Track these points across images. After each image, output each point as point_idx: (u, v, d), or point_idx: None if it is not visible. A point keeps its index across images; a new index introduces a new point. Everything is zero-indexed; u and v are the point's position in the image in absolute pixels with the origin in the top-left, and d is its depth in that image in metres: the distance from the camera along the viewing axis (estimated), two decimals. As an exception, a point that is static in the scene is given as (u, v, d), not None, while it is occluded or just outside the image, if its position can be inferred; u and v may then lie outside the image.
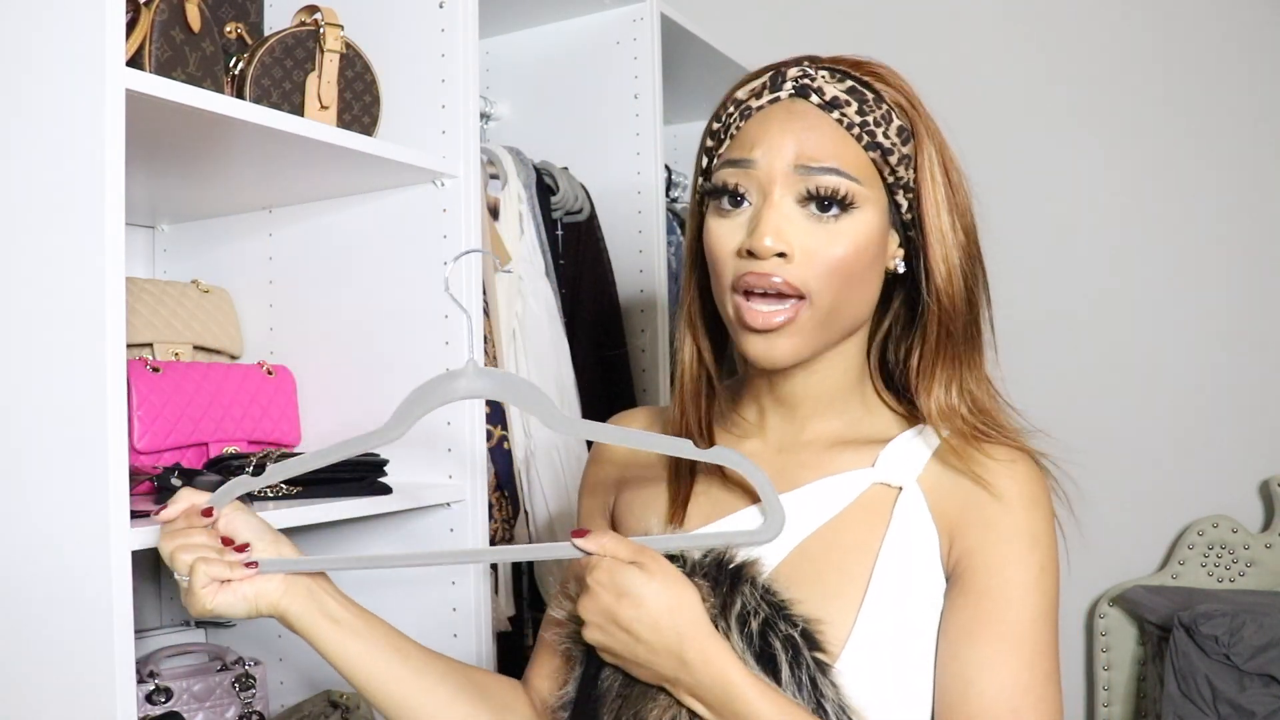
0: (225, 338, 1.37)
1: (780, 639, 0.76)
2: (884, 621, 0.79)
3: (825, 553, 0.83)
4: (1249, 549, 2.06)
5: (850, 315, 0.84)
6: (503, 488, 1.44)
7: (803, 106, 0.82)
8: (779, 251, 0.79)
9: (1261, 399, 2.11)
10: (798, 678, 0.75)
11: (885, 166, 0.82)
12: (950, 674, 0.78)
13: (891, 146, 0.82)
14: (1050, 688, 0.77)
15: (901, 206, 0.84)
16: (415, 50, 1.26)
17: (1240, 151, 2.14)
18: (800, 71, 0.83)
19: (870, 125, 0.81)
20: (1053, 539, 0.82)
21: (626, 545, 0.77)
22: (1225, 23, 2.15)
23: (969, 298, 0.85)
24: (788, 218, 0.80)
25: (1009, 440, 0.84)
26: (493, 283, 1.47)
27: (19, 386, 0.90)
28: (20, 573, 0.90)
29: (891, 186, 0.83)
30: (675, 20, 1.89)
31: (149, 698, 1.23)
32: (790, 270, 0.79)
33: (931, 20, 2.37)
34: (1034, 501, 0.81)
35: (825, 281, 0.80)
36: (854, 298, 0.82)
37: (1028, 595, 0.79)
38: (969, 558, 0.80)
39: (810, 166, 0.80)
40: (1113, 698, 2.12)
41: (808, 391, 0.88)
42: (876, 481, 0.84)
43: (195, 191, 1.30)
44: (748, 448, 0.91)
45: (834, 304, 0.81)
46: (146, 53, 0.99)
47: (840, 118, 0.81)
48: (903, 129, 0.83)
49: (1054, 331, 2.26)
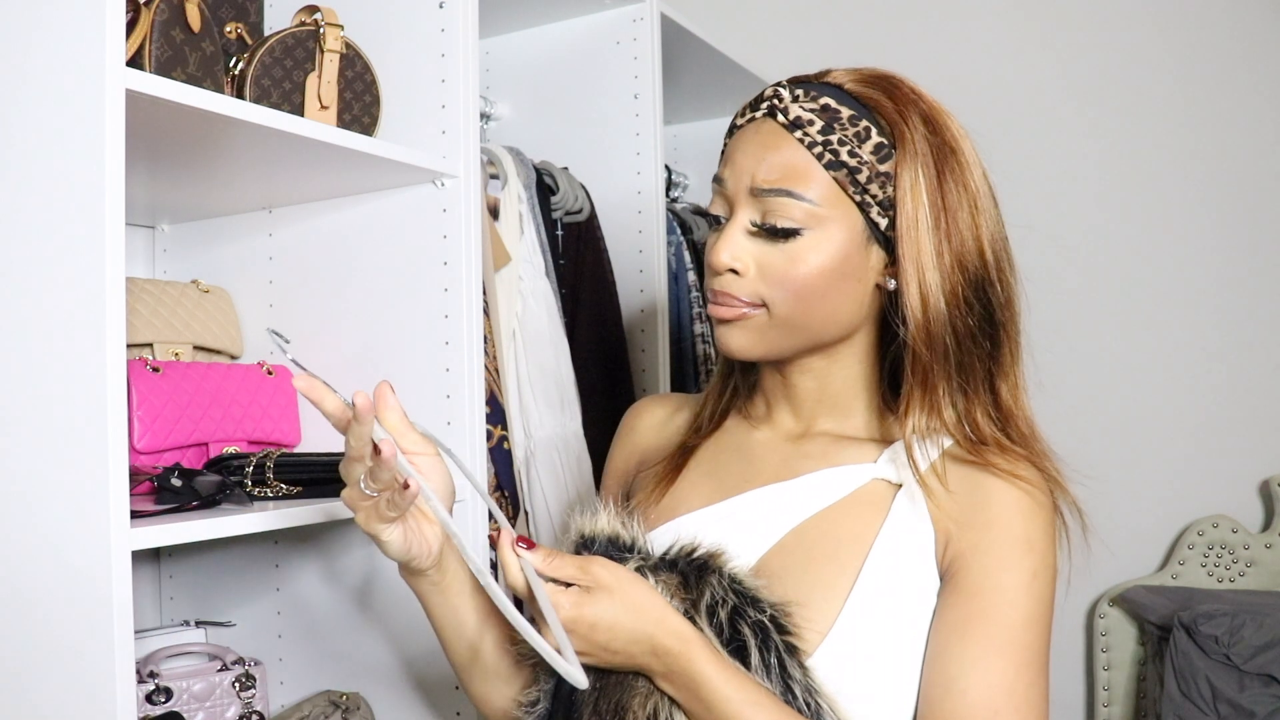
0: (225, 338, 1.37)
1: (749, 625, 0.77)
2: (871, 612, 0.80)
3: (819, 540, 0.84)
4: (1249, 549, 2.06)
5: (818, 327, 0.86)
6: (503, 488, 1.44)
7: (769, 127, 0.85)
8: (732, 268, 0.85)
9: (1261, 399, 2.11)
10: (766, 662, 0.76)
11: (852, 185, 0.82)
12: (935, 670, 0.78)
13: (860, 165, 0.82)
14: (1034, 693, 0.77)
15: (881, 224, 0.83)
16: (415, 50, 1.26)
17: (1241, 152, 2.14)
18: (773, 91, 0.86)
19: (834, 144, 0.82)
20: (1050, 545, 0.82)
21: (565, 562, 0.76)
22: (1229, 24, 2.15)
23: (953, 324, 0.83)
24: (745, 236, 0.85)
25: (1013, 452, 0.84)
26: (492, 283, 1.47)
27: (19, 387, 0.90)
28: (20, 573, 0.90)
29: (864, 204, 0.83)
30: (675, 20, 1.89)
31: (149, 698, 1.23)
32: (742, 285, 0.85)
33: (932, 20, 2.37)
34: (1033, 507, 0.82)
35: (781, 295, 0.84)
36: (820, 311, 0.84)
37: (1019, 599, 0.79)
38: (964, 558, 0.81)
39: (762, 189, 0.83)
40: (1113, 698, 2.12)
41: (808, 390, 0.91)
42: (877, 477, 0.86)
43: (195, 191, 1.30)
44: (758, 436, 0.95)
45: (793, 314, 0.84)
46: (146, 53, 0.99)
47: (802, 137, 0.83)
48: (881, 145, 0.82)
49: (1053, 332, 2.25)
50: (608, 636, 0.74)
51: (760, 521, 0.87)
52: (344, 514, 1.11)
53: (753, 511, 0.88)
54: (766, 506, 0.88)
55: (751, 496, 0.89)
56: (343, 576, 1.33)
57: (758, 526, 0.87)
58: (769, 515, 0.87)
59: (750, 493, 0.89)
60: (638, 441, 1.04)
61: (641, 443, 1.03)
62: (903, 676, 0.79)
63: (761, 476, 0.90)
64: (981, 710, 0.76)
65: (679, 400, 1.06)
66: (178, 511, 0.98)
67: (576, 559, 0.76)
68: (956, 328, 0.83)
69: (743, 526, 0.87)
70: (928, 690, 0.78)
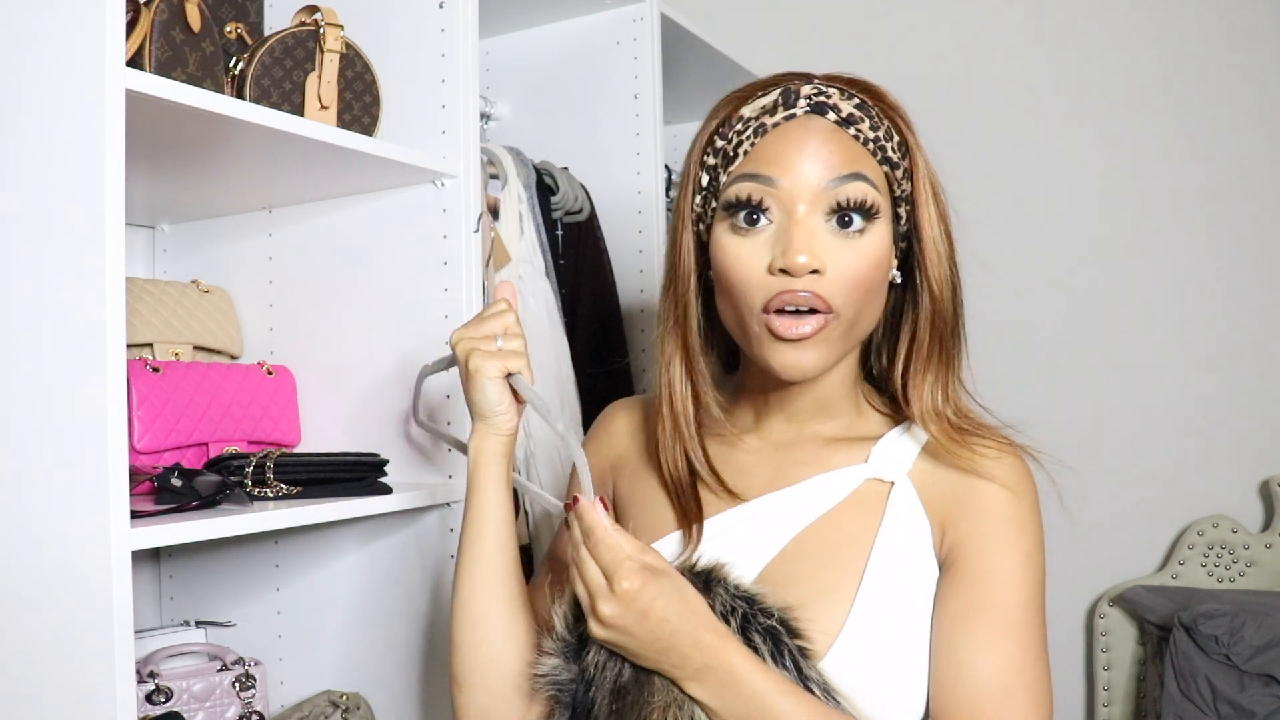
0: (225, 338, 1.37)
1: (760, 631, 0.78)
2: (878, 610, 0.81)
3: (821, 545, 0.85)
4: (1249, 549, 2.06)
5: (865, 326, 0.86)
6: (503, 488, 1.44)
7: (820, 123, 0.83)
8: (813, 269, 0.79)
9: (1261, 399, 2.11)
10: (782, 665, 0.77)
11: (893, 180, 0.85)
12: (944, 658, 0.80)
13: (897, 161, 0.85)
14: (1040, 668, 0.81)
15: (901, 219, 0.86)
16: (415, 50, 1.26)
17: (1240, 151, 2.14)
18: (814, 89, 0.85)
19: (880, 140, 0.84)
20: (1039, 527, 0.85)
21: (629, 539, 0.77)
22: (1223, 23, 2.15)
23: (958, 309, 0.88)
24: (816, 234, 0.81)
25: (994, 435, 0.87)
26: (492, 283, 1.47)
27: (19, 386, 0.90)
28: (20, 573, 0.90)
29: (897, 200, 0.86)
30: (675, 20, 1.89)
31: (149, 698, 1.23)
32: (823, 286, 0.80)
33: (929, 20, 2.37)
34: (1020, 491, 0.85)
35: (849, 296, 0.81)
36: (870, 310, 0.85)
37: (1016, 581, 0.82)
38: (960, 546, 0.83)
39: (841, 175, 0.81)
40: (1113, 698, 2.12)
41: (808, 397, 0.90)
42: (870, 477, 0.87)
43: (195, 191, 1.30)
44: (745, 445, 0.93)
45: (855, 317, 0.83)
46: (146, 53, 0.99)
47: (856, 134, 0.83)
48: (902, 144, 0.86)
49: (1054, 332, 2.26)
50: (658, 620, 0.74)
51: (760, 532, 0.87)
52: (344, 514, 1.11)
53: (751, 523, 0.88)
54: (765, 517, 0.88)
55: (749, 508, 0.89)
56: (343, 576, 1.33)
57: (758, 537, 0.87)
58: (768, 525, 0.87)
59: (746, 504, 0.89)
60: (615, 443, 1.02)
61: (617, 447, 1.02)
62: (913, 669, 0.81)
63: (757, 487, 0.90)
64: (995, 691, 0.78)
65: (642, 405, 1.04)
66: (178, 511, 0.98)
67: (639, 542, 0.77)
68: (958, 316, 0.88)
69: (743, 538, 0.87)
70: (939, 677, 0.80)
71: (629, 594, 0.73)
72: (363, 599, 1.32)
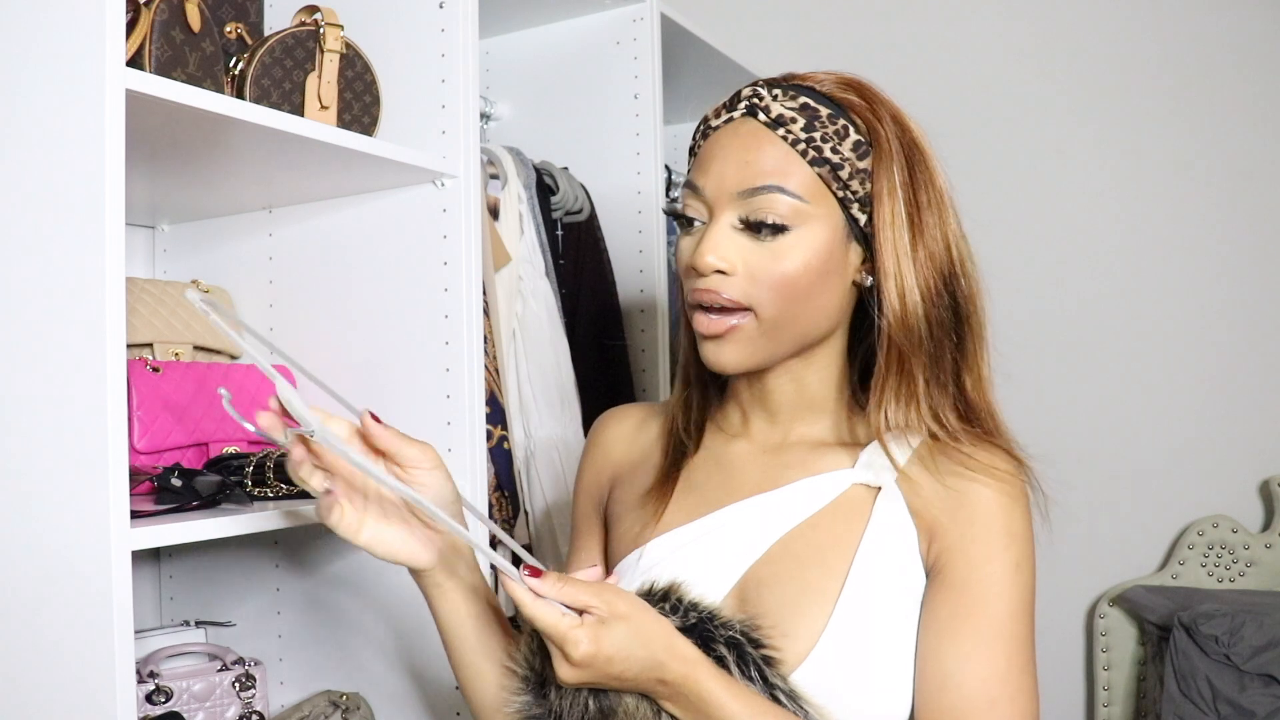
0: (225, 338, 1.37)
1: (723, 642, 0.78)
2: (862, 613, 0.81)
3: (805, 549, 0.85)
4: (1249, 549, 2.06)
5: (804, 326, 0.85)
6: (503, 488, 1.44)
7: (750, 126, 0.85)
8: (718, 269, 0.83)
9: (1261, 399, 2.11)
10: (748, 675, 0.77)
11: (835, 181, 0.83)
12: (929, 666, 0.80)
13: (842, 161, 0.83)
14: (1026, 679, 0.80)
15: (860, 220, 0.85)
16: (415, 50, 1.26)
17: (1240, 151, 2.14)
18: (752, 91, 0.86)
19: (817, 141, 0.83)
20: (1029, 535, 0.84)
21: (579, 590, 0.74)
22: (1226, 23, 2.15)
23: (928, 317, 0.84)
24: (729, 236, 0.84)
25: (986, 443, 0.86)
26: (492, 283, 1.47)
27: (19, 387, 0.90)
28: (20, 573, 0.90)
29: (845, 201, 0.84)
30: (675, 20, 1.89)
31: (149, 698, 1.23)
32: (731, 285, 0.83)
33: (930, 20, 2.37)
34: (1010, 499, 0.84)
35: (769, 295, 0.83)
36: (806, 310, 0.84)
37: (1005, 590, 0.81)
38: (948, 554, 0.82)
39: (750, 187, 0.83)
40: (1113, 698, 2.12)
41: (785, 397, 0.91)
42: (857, 482, 0.87)
43: (195, 191, 1.30)
44: (736, 448, 0.94)
45: (781, 316, 0.83)
46: (146, 53, 0.99)
47: (785, 134, 0.83)
48: (860, 143, 0.84)
49: (1053, 331, 2.26)
50: (622, 667, 0.73)
51: (746, 534, 0.87)
52: (344, 514, 1.11)
53: (738, 525, 0.88)
54: (751, 519, 0.88)
55: (735, 510, 0.89)
56: (343, 576, 1.33)
57: (743, 539, 0.87)
58: (754, 528, 0.87)
59: (733, 506, 0.89)
60: (609, 454, 1.03)
61: (613, 455, 1.02)
62: (897, 674, 0.80)
63: (744, 489, 0.90)
64: (979, 701, 0.78)
65: (645, 410, 1.05)
66: (178, 511, 0.98)
67: (591, 586, 0.74)
68: (930, 320, 0.85)
69: (728, 540, 0.88)
70: (923, 685, 0.79)
71: (585, 657, 0.72)
72: (363, 599, 1.32)
